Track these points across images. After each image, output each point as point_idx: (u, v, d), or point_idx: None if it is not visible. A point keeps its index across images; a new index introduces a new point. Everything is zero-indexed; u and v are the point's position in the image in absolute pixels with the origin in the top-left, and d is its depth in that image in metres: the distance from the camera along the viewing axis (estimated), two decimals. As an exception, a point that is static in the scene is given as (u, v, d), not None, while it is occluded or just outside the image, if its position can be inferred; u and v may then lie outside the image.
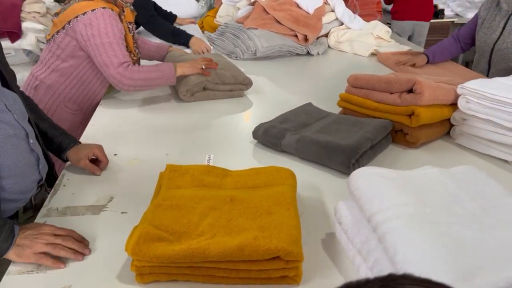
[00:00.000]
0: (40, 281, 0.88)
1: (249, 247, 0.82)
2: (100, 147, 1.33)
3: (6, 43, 3.06)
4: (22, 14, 3.20)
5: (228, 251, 0.82)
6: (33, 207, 1.20)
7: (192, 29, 3.01)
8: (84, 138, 1.50)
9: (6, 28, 3.08)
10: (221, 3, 3.18)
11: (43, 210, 1.10)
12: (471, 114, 1.39)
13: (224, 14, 3.10)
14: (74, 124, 1.87)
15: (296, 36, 2.65)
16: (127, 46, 1.86)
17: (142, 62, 2.07)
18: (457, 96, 1.44)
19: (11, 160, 1.06)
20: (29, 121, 1.19)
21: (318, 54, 2.69)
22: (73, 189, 1.20)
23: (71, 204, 1.13)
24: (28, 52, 3.23)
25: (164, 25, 2.74)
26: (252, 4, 2.87)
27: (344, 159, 1.23)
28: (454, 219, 0.75)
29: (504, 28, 2.04)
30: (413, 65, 2.29)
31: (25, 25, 3.20)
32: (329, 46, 2.85)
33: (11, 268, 0.91)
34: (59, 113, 1.82)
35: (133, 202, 1.14)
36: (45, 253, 0.91)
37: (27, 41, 3.17)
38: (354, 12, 3.14)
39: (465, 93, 1.41)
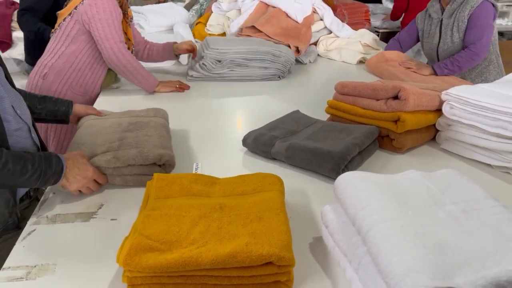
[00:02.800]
0: (29, 288, 0.89)
1: (242, 253, 0.83)
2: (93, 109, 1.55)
3: (-4, 53, 3.07)
4: (13, 24, 3.22)
5: (220, 258, 0.82)
6: (29, 197, 1.29)
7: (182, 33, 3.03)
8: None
9: (-4, 38, 3.09)
10: (211, 12, 3.21)
11: (33, 218, 1.11)
12: (455, 119, 1.43)
13: (214, 23, 3.13)
14: None
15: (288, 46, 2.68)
16: (127, 37, 2.07)
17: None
18: (441, 102, 1.47)
19: (17, 149, 1.14)
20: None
21: (310, 62, 2.72)
22: (62, 196, 1.20)
23: (61, 211, 1.14)
24: (19, 62, 3.24)
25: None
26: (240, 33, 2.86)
27: (334, 165, 1.25)
28: (435, 221, 0.78)
29: (440, 33, 2.49)
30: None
31: (15, 34, 3.22)
32: (318, 54, 2.89)
33: (0, 274, 0.91)
34: (69, 97, 1.97)
35: (123, 209, 1.15)
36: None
37: (17, 51, 3.18)
38: (342, 21, 3.19)
39: (449, 99, 1.44)
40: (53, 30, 2.04)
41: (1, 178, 1.02)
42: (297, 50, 2.68)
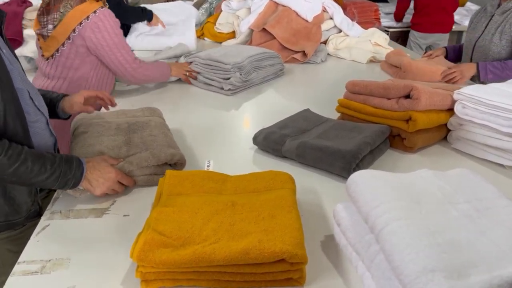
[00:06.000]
0: (44, 282, 0.90)
1: (254, 250, 0.83)
2: (85, 90, 1.46)
3: (7, 50, 3.10)
4: (24, 22, 3.24)
5: (233, 255, 0.83)
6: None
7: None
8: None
9: (8, 36, 3.11)
10: (221, 10, 3.22)
11: (46, 213, 1.12)
12: (467, 119, 1.42)
13: (223, 22, 3.14)
14: None
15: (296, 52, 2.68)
16: None
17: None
18: (453, 102, 1.47)
19: (37, 142, 1.16)
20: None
21: (322, 61, 2.72)
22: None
23: (74, 207, 1.15)
24: (30, 59, 3.26)
25: (132, 8, 2.91)
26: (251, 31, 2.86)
27: (345, 164, 1.25)
28: (448, 220, 0.77)
29: (485, 28, 2.27)
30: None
31: (26, 32, 3.24)
32: (328, 53, 2.88)
33: (16, 268, 0.93)
34: None
35: (135, 206, 1.16)
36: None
37: (28, 48, 3.20)
38: (352, 20, 3.17)
39: (461, 99, 1.43)
40: (44, 53, 1.87)
41: (18, 175, 1.03)
42: (304, 54, 2.68)
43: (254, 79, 2.19)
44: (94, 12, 1.74)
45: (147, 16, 2.95)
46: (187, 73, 2.12)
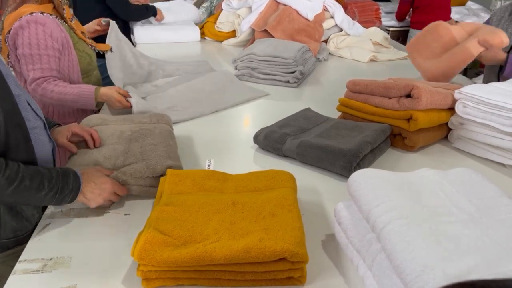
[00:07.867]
0: (45, 280, 0.90)
1: (255, 249, 0.83)
2: (77, 125, 1.36)
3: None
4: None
5: (234, 253, 0.83)
6: None
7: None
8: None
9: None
10: (221, 9, 3.22)
11: (47, 212, 1.12)
12: (468, 118, 1.42)
13: (224, 21, 3.13)
14: None
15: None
16: (79, 37, 1.78)
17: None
18: (454, 101, 1.47)
19: (37, 150, 1.13)
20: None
21: (324, 59, 2.72)
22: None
23: (75, 206, 1.15)
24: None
25: (136, 6, 3.06)
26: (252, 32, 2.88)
27: (346, 163, 1.25)
28: (450, 219, 0.77)
29: None
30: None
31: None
32: (329, 52, 2.88)
33: (17, 267, 0.93)
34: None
35: (136, 204, 1.16)
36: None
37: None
38: (353, 19, 3.17)
39: (462, 98, 1.43)
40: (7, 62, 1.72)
41: (17, 194, 0.97)
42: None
43: (304, 70, 2.29)
44: (20, 18, 1.57)
45: (152, 12, 3.11)
46: (120, 95, 1.68)
